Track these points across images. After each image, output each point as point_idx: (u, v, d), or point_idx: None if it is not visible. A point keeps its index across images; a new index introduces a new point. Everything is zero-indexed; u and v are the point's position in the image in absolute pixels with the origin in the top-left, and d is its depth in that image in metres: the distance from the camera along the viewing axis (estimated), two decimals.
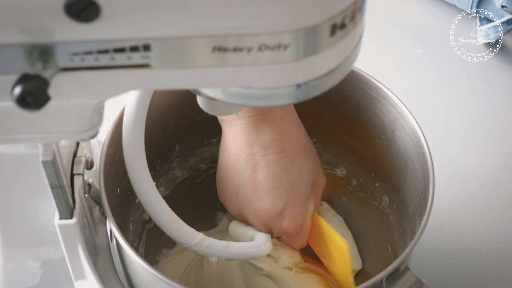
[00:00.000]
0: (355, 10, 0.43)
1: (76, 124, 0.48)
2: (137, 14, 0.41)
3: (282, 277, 0.70)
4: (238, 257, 0.67)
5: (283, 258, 0.70)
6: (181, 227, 0.62)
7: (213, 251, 0.63)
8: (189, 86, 0.47)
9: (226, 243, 0.65)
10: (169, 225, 0.62)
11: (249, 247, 0.68)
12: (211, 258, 0.64)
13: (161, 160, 0.76)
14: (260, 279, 0.71)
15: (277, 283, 0.70)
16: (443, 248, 0.81)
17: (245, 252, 0.67)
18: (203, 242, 0.63)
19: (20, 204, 0.60)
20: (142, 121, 0.59)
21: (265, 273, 0.70)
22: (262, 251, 0.68)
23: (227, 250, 0.64)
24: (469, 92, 0.97)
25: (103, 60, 0.43)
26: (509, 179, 0.87)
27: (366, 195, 0.76)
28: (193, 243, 0.63)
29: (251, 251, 0.67)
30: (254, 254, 0.68)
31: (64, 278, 0.64)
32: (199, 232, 0.63)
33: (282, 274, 0.70)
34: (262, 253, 0.68)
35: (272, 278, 0.70)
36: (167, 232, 0.62)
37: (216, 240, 0.64)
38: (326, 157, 0.77)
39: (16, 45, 0.42)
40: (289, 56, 0.43)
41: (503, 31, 0.96)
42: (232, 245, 0.65)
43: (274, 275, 0.70)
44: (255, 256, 0.68)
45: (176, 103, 0.72)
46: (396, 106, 0.67)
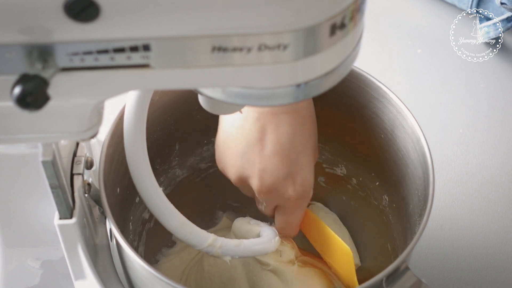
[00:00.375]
0: (355, 10, 0.43)
1: (76, 124, 0.48)
2: (136, 14, 0.41)
3: (286, 272, 0.70)
4: (250, 254, 0.66)
5: (287, 251, 0.70)
6: (193, 229, 0.62)
7: (226, 250, 0.63)
8: (189, 86, 0.47)
9: (237, 241, 0.64)
10: (180, 229, 0.61)
11: (259, 243, 0.67)
12: (225, 258, 0.64)
13: (161, 159, 0.76)
14: (264, 275, 0.71)
15: (281, 277, 0.70)
16: (443, 248, 0.81)
17: (256, 248, 0.67)
18: (215, 243, 0.63)
19: (20, 204, 0.60)
20: (143, 121, 0.59)
21: (270, 268, 0.70)
22: (272, 246, 0.67)
23: (240, 248, 0.64)
24: (469, 92, 0.97)
25: (102, 60, 0.43)
26: (509, 179, 0.87)
27: (366, 194, 0.76)
28: (206, 244, 0.62)
29: (262, 247, 0.67)
30: (264, 249, 0.67)
31: (64, 278, 0.64)
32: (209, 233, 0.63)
33: (285, 268, 0.70)
34: (272, 248, 0.68)
35: (276, 273, 0.70)
36: (179, 236, 0.62)
37: (228, 240, 0.64)
38: (326, 156, 0.77)
39: (16, 45, 0.42)
40: (289, 56, 0.43)
41: (503, 29, 0.96)
42: (244, 243, 0.65)
43: (278, 270, 0.70)
44: (266, 251, 0.68)
45: (176, 103, 0.72)
46: (396, 106, 0.67)
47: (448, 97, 0.96)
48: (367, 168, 0.75)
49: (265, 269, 0.71)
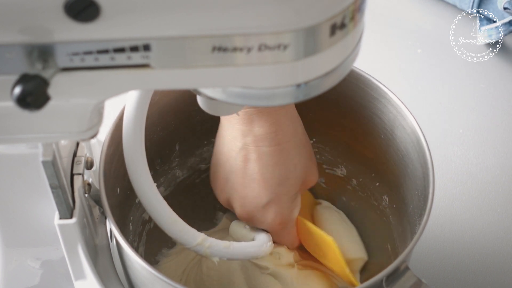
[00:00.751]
0: (355, 10, 0.43)
1: (76, 124, 0.48)
2: (137, 14, 0.41)
3: (286, 275, 0.70)
4: (240, 257, 0.67)
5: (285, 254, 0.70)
6: (183, 228, 0.62)
7: (214, 251, 0.63)
8: (189, 86, 0.47)
9: (227, 243, 0.65)
10: (170, 226, 0.62)
11: (250, 246, 0.68)
12: (213, 258, 0.64)
13: (161, 160, 0.76)
14: (263, 279, 0.71)
15: (281, 281, 0.70)
16: (443, 248, 0.81)
17: (247, 251, 0.67)
18: (204, 243, 0.63)
19: (20, 204, 0.60)
20: (142, 121, 0.59)
21: (270, 271, 0.70)
22: (263, 251, 0.68)
23: (229, 250, 0.65)
24: (469, 92, 0.97)
25: (103, 60, 0.43)
26: (509, 179, 0.87)
27: (366, 194, 0.76)
28: (195, 243, 0.63)
29: (253, 251, 0.67)
30: (255, 253, 0.68)
31: (64, 278, 0.64)
32: (200, 232, 0.63)
33: (285, 271, 0.70)
34: (263, 253, 0.68)
35: (275, 277, 0.70)
36: (169, 233, 0.62)
37: (217, 241, 0.64)
38: (326, 157, 0.77)
39: (16, 45, 0.42)
40: (289, 56, 0.43)
41: (504, 32, 0.96)
42: (234, 245, 0.65)
43: (278, 273, 0.70)
44: (257, 255, 0.68)
45: (176, 103, 0.72)
46: (396, 106, 0.67)
47: (448, 97, 0.96)
48: (367, 169, 0.75)
49: (264, 273, 0.71)
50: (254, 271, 0.72)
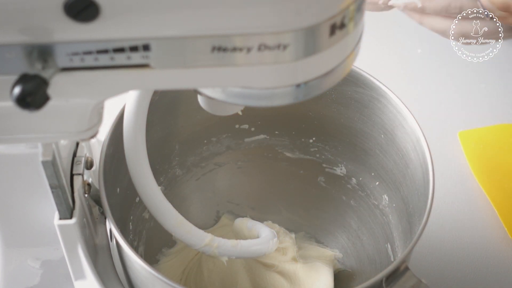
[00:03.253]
0: (355, 10, 0.43)
1: (75, 124, 0.48)
2: (136, 14, 0.41)
3: (291, 270, 0.70)
4: (247, 255, 0.66)
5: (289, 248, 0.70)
6: (190, 229, 0.62)
7: (223, 250, 0.63)
8: (189, 86, 0.47)
9: (234, 241, 0.64)
10: (177, 228, 0.61)
11: (257, 244, 0.67)
12: (222, 258, 0.64)
13: (161, 159, 0.76)
14: (269, 277, 0.71)
15: (287, 277, 0.70)
16: (443, 248, 0.81)
17: (254, 249, 0.67)
18: (212, 243, 0.62)
19: (20, 204, 0.60)
20: (143, 121, 0.59)
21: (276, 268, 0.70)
22: (270, 247, 0.67)
23: (236, 249, 0.64)
24: (469, 92, 0.97)
25: (102, 60, 0.43)
26: None
27: (366, 194, 0.76)
28: (203, 244, 0.62)
29: (260, 248, 0.67)
30: (262, 250, 0.67)
31: (64, 278, 0.64)
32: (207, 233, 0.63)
33: (290, 267, 0.70)
34: (270, 249, 0.67)
35: (280, 273, 0.70)
36: (176, 235, 0.62)
37: (225, 240, 0.63)
38: (326, 156, 0.77)
39: (15, 45, 0.42)
40: (288, 56, 0.43)
41: None
42: (241, 243, 0.65)
43: (283, 270, 0.70)
44: (264, 252, 0.67)
45: (176, 103, 0.72)
46: (396, 106, 0.67)
47: (448, 97, 0.96)
48: (367, 168, 0.75)
49: (270, 270, 0.71)
50: (259, 270, 0.71)
